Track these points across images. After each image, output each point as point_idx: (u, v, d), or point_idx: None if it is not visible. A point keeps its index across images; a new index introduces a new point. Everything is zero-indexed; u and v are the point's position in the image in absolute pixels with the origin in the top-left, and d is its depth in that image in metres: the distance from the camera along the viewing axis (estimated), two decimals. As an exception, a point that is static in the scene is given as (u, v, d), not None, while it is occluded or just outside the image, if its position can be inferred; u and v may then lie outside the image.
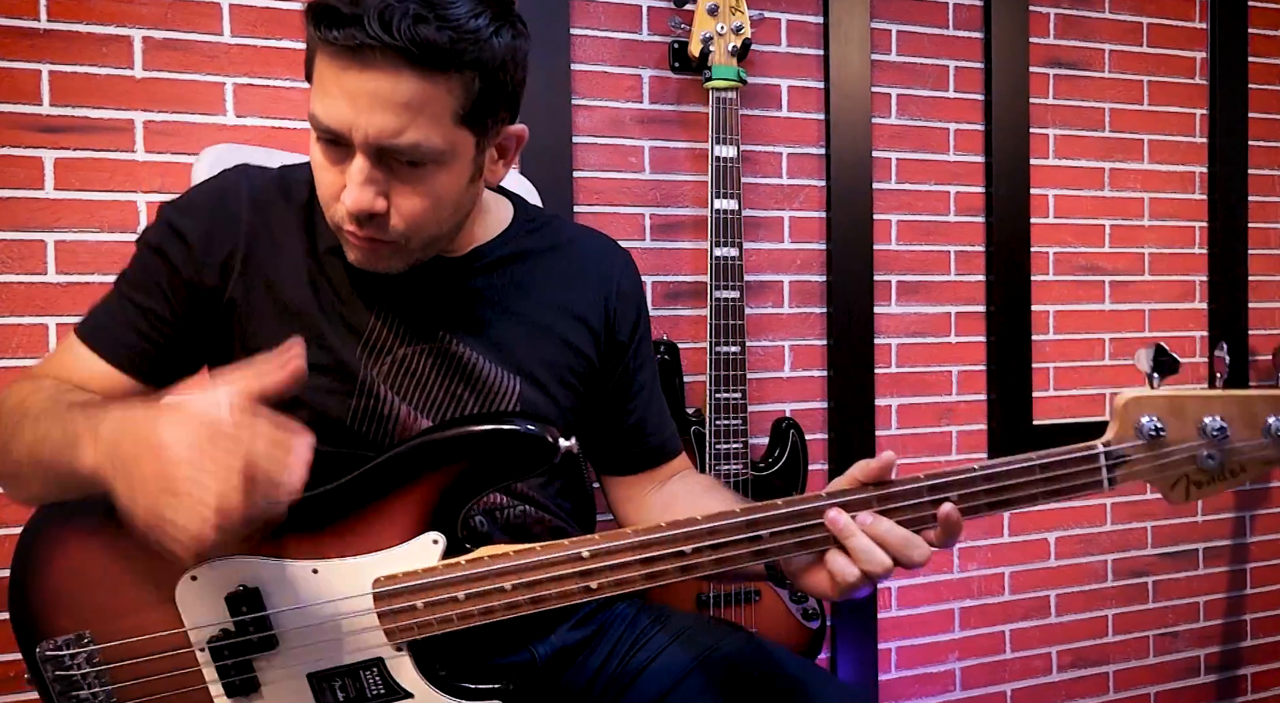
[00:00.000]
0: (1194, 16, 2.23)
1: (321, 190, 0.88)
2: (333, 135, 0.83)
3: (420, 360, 0.97)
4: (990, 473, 0.82)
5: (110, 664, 0.84)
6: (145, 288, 0.94)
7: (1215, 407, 0.80)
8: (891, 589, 2.02)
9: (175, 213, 0.95)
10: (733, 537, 0.83)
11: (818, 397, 1.96)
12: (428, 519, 0.86)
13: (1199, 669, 2.28)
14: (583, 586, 0.84)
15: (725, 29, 1.68)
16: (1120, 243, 2.19)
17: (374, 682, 0.85)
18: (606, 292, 1.08)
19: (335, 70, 0.80)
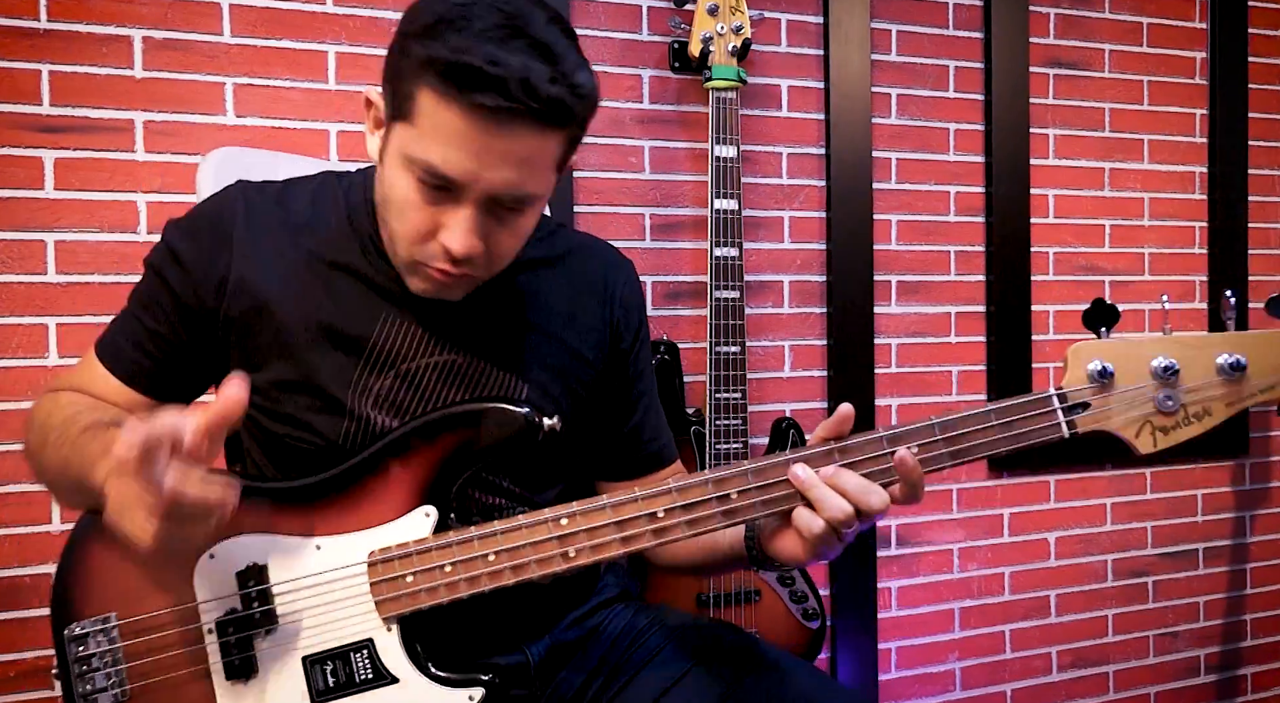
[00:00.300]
0: (1194, 16, 2.23)
1: (405, 226, 0.88)
2: (445, 183, 0.84)
3: (427, 374, 0.97)
4: (946, 422, 0.85)
5: (125, 643, 0.87)
6: (150, 309, 0.97)
7: (1163, 347, 0.82)
8: (892, 589, 2.02)
9: (176, 234, 0.97)
10: (701, 497, 0.86)
11: (818, 397, 1.96)
12: (422, 494, 0.91)
13: (1199, 669, 2.28)
14: (560, 552, 0.87)
15: (725, 29, 1.68)
16: (1120, 243, 2.19)
17: (363, 665, 0.88)
18: (611, 301, 1.10)
19: (465, 125, 0.81)
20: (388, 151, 0.88)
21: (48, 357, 1.49)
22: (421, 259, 0.89)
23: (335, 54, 1.63)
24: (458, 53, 0.79)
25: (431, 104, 0.82)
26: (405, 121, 0.84)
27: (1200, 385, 0.81)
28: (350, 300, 0.96)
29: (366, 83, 1.65)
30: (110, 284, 1.52)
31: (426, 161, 0.83)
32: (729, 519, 0.86)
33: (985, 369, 2.08)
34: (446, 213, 0.86)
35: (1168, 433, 0.82)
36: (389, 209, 0.90)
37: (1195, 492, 2.26)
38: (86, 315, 1.51)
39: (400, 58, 0.84)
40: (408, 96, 0.83)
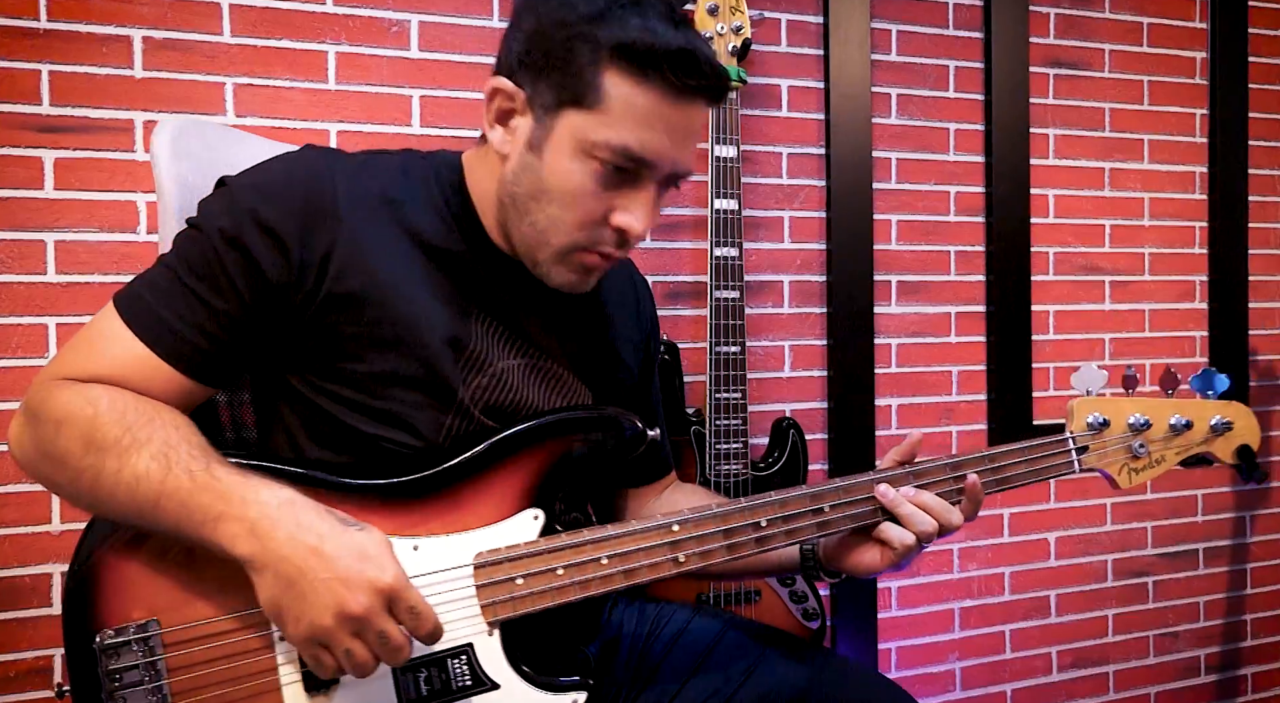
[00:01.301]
0: (1194, 16, 2.23)
1: (575, 214, 0.87)
2: (635, 165, 0.85)
3: (513, 375, 0.94)
4: (995, 454, 1.00)
5: (169, 654, 0.80)
6: (214, 283, 0.84)
7: (1136, 407, 1.06)
8: (892, 589, 2.02)
9: (260, 201, 0.85)
10: (800, 508, 0.92)
11: (818, 397, 1.96)
12: (529, 496, 0.89)
13: (1199, 669, 2.28)
14: (671, 557, 0.88)
15: (725, 29, 1.68)
16: (1120, 243, 2.19)
17: (461, 671, 0.84)
18: (640, 312, 1.12)
19: (662, 106, 0.84)
20: (550, 141, 0.85)
21: (47, 357, 1.49)
22: (585, 245, 0.89)
23: (335, 54, 1.63)
24: (652, 35, 0.81)
25: (625, 88, 0.82)
26: (584, 108, 0.84)
27: (1160, 438, 1.06)
28: (447, 292, 0.91)
29: (367, 83, 1.65)
30: (110, 284, 1.52)
31: (622, 145, 0.84)
32: (821, 531, 0.93)
33: (985, 369, 2.08)
34: (624, 196, 0.87)
35: (1138, 473, 1.05)
36: (549, 199, 0.86)
37: (1195, 492, 2.26)
38: (86, 315, 1.51)
39: (569, 44, 0.83)
40: (588, 82, 0.83)
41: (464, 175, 0.95)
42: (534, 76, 0.86)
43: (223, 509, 0.76)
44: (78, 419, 0.80)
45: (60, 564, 1.50)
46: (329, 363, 0.88)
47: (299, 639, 0.75)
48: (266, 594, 0.75)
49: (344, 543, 0.75)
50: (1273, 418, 2.32)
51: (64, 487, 0.82)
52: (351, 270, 0.86)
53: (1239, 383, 2.24)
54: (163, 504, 0.77)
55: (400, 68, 1.67)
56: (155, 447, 0.78)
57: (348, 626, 0.74)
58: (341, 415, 0.88)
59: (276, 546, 0.74)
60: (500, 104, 0.89)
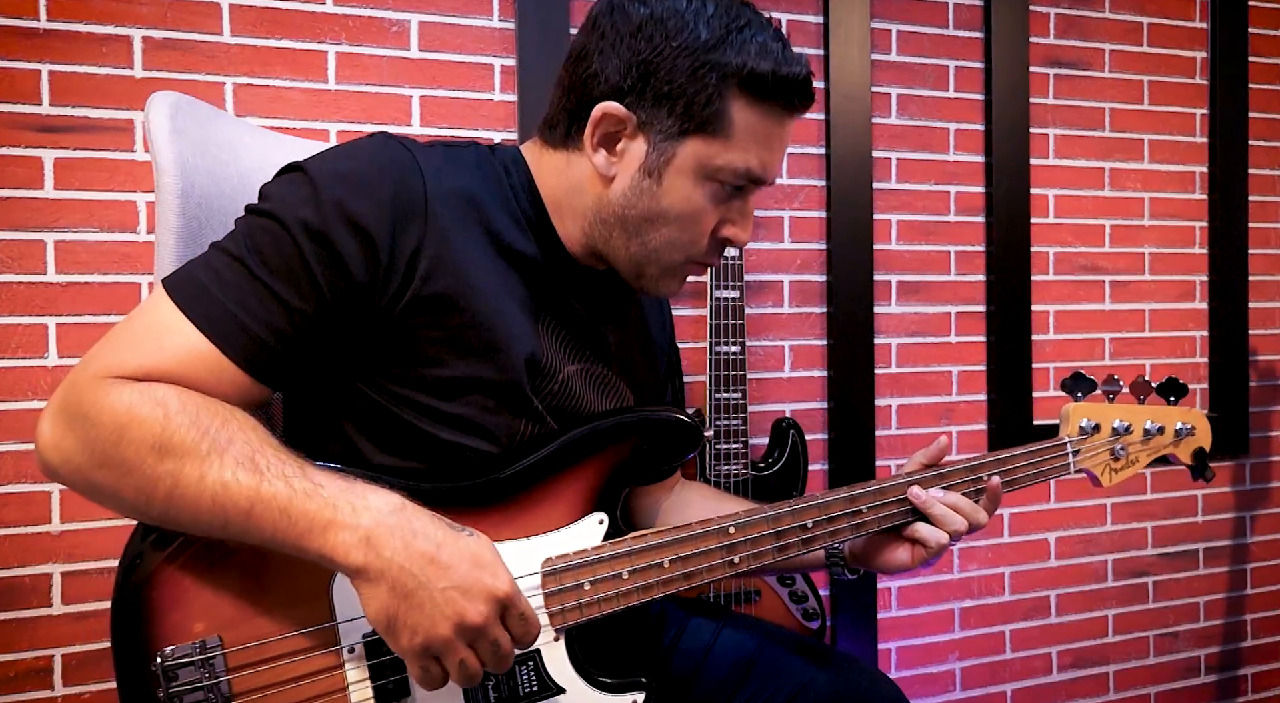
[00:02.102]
0: (1194, 16, 2.23)
1: (692, 234, 0.90)
2: (754, 182, 0.89)
3: (578, 380, 0.95)
4: (1005, 458, 1.06)
5: (233, 675, 0.75)
6: (293, 279, 0.78)
7: (1117, 414, 1.15)
8: (892, 589, 2.02)
9: (347, 193, 0.79)
10: (840, 511, 0.96)
11: (818, 397, 1.96)
12: (593, 500, 0.89)
13: (1199, 669, 2.28)
14: (727, 560, 0.91)
15: (725, 29, 1.68)
16: (1120, 243, 2.19)
17: (528, 677, 0.84)
18: (667, 326, 1.16)
19: (781, 128, 0.88)
20: (671, 167, 0.87)
21: (48, 357, 1.49)
22: (695, 259, 0.92)
23: (335, 54, 1.63)
24: (776, 63, 0.84)
25: (750, 114, 0.85)
26: (709, 135, 0.85)
27: (1135, 441, 1.16)
28: (521, 295, 0.89)
29: (367, 83, 1.65)
30: (110, 284, 1.52)
31: (746, 169, 0.87)
32: (857, 532, 0.97)
33: (985, 369, 2.08)
34: (733, 209, 0.91)
35: (1117, 473, 1.15)
36: (667, 222, 0.89)
37: (1195, 492, 2.26)
38: (86, 315, 1.51)
39: (696, 73, 0.83)
40: (716, 111, 0.84)
41: (533, 177, 0.94)
42: (652, 103, 0.85)
43: (331, 517, 0.71)
44: (146, 422, 0.72)
45: (60, 564, 1.50)
46: (406, 367, 0.84)
47: (413, 651, 0.73)
48: (378, 605, 0.72)
49: (459, 550, 0.73)
50: (1273, 418, 2.32)
51: (126, 497, 0.74)
52: (440, 271, 0.82)
53: (1239, 383, 2.24)
54: (258, 512, 0.71)
55: (400, 68, 1.67)
56: (238, 450, 0.73)
57: (465, 635, 0.73)
58: (415, 420, 0.84)
59: (393, 554, 0.71)
60: (607, 128, 0.87)
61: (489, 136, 1.71)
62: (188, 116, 0.97)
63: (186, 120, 0.96)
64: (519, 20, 1.71)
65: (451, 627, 0.72)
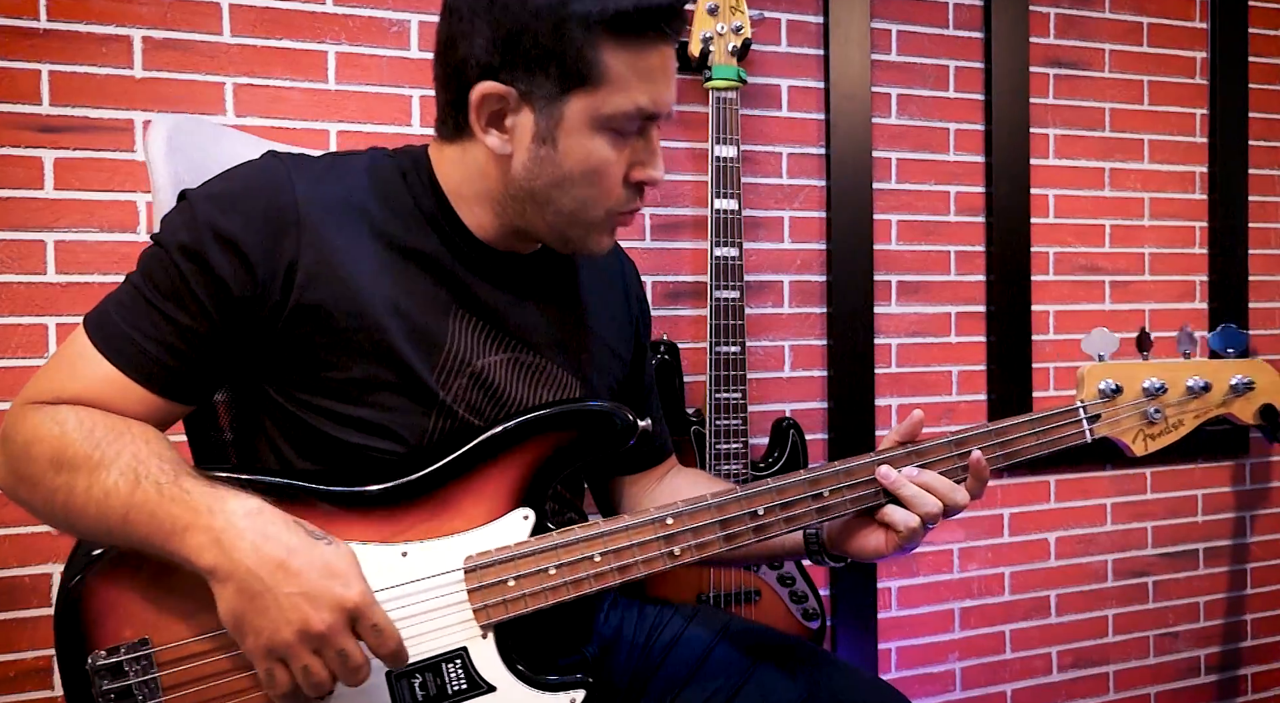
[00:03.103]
0: (1194, 16, 2.23)
1: (606, 184, 0.89)
2: (649, 118, 0.88)
3: (503, 371, 0.93)
4: (1000, 428, 0.97)
5: (164, 672, 0.79)
6: (179, 299, 0.83)
7: (1151, 372, 1.01)
8: (892, 589, 2.02)
9: (220, 214, 0.83)
10: (799, 494, 0.90)
11: (818, 397, 1.96)
12: (518, 496, 0.88)
13: (1199, 669, 2.28)
14: (666, 551, 0.87)
15: (725, 29, 1.68)
16: (1120, 243, 2.19)
17: (456, 675, 0.83)
18: (631, 298, 1.12)
19: (660, 58, 0.87)
20: (563, 128, 0.86)
21: (47, 357, 1.49)
22: (617, 210, 0.91)
23: (335, 54, 1.63)
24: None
25: (625, 55, 0.84)
26: (587, 87, 0.85)
27: (1177, 401, 1.01)
28: (424, 291, 0.90)
29: (367, 83, 1.65)
30: (110, 284, 1.50)
31: (636, 108, 0.86)
32: (821, 517, 0.92)
33: (985, 369, 2.08)
34: (636, 151, 0.89)
35: (1154, 439, 1.01)
36: (574, 182, 0.88)
37: (1195, 492, 2.26)
38: (86, 315, 1.51)
39: (559, 30, 0.83)
40: (589, 62, 0.83)
41: (434, 171, 0.95)
42: (526, 71, 0.85)
43: (190, 520, 0.74)
44: (46, 440, 0.79)
45: (60, 564, 1.50)
46: (306, 374, 0.87)
47: (257, 653, 0.75)
48: (227, 606, 0.74)
49: (311, 558, 0.74)
50: (1273, 418, 2.32)
51: (38, 508, 0.82)
52: (319, 279, 0.85)
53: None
54: (131, 518, 0.76)
55: (400, 68, 1.67)
56: (124, 462, 0.78)
57: (309, 643, 0.74)
58: (322, 426, 0.87)
59: (241, 556, 0.73)
60: (490, 108, 0.87)
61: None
62: (188, 135, 1.01)
63: (186, 139, 1.00)
64: (519, 20, 1.71)
65: (294, 633, 0.73)
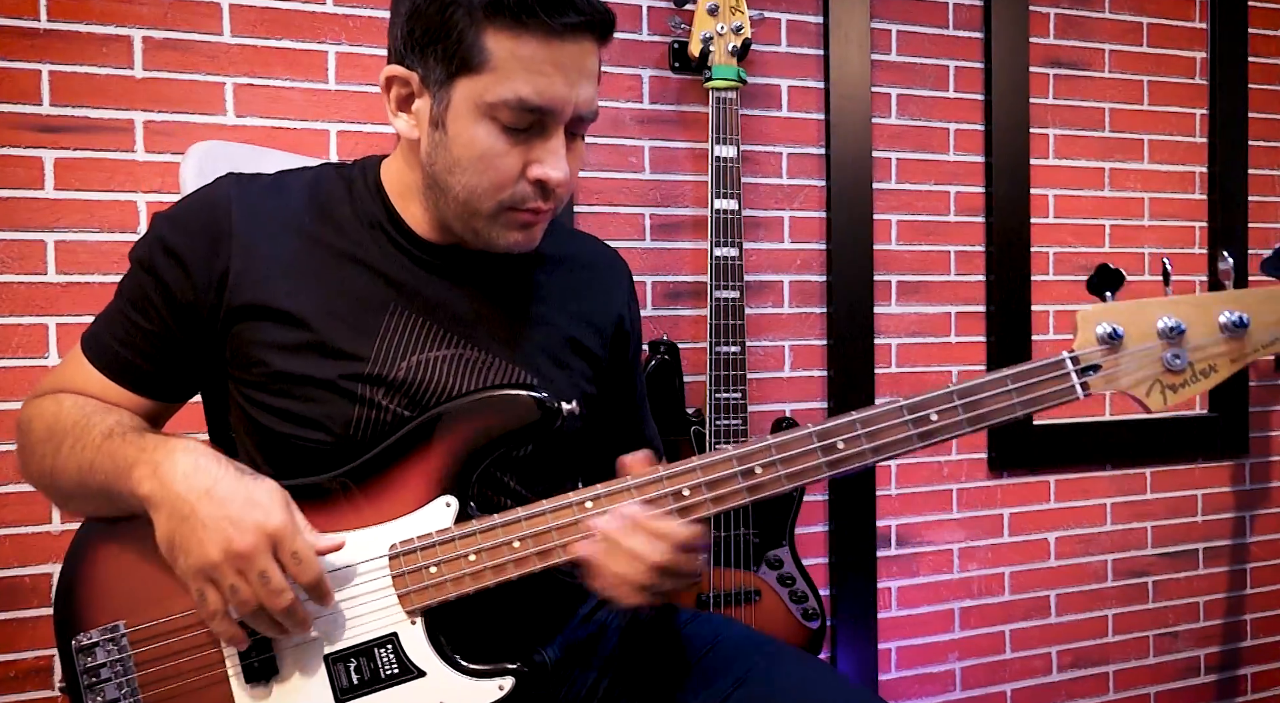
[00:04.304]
0: (1194, 16, 2.23)
1: (492, 176, 0.88)
2: (537, 114, 0.86)
3: (437, 366, 0.95)
4: (965, 388, 0.85)
5: (135, 651, 0.87)
6: (140, 305, 0.93)
7: (1168, 308, 0.84)
8: (892, 589, 2.02)
9: (168, 227, 0.93)
10: (726, 471, 0.87)
11: (818, 397, 1.96)
12: (441, 484, 0.90)
13: (1199, 669, 2.28)
14: (586, 535, 0.86)
15: (725, 29, 1.68)
16: (1120, 243, 2.19)
17: (388, 659, 0.87)
18: (617, 303, 1.11)
19: (548, 50, 0.84)
20: (450, 113, 0.87)
21: (48, 357, 1.49)
22: (511, 204, 0.90)
23: (335, 54, 1.63)
24: None
25: (506, 42, 0.83)
26: (473, 72, 0.85)
27: (1205, 343, 0.84)
28: (358, 291, 0.94)
29: (367, 83, 1.65)
30: (110, 284, 1.50)
31: (517, 99, 0.84)
32: (753, 495, 0.87)
33: (985, 369, 2.08)
34: (534, 149, 0.88)
35: (1177, 390, 0.84)
36: (462, 168, 0.88)
37: (1195, 492, 2.26)
38: (86, 315, 1.51)
39: (445, 14, 0.84)
40: (471, 46, 0.84)
41: (380, 175, 0.98)
42: (421, 55, 0.87)
43: (135, 457, 0.84)
44: (45, 415, 0.92)
45: (60, 564, 1.50)
46: (243, 369, 0.93)
47: (189, 573, 0.81)
48: (162, 530, 0.81)
49: (236, 488, 0.81)
50: (1273, 418, 2.32)
51: (35, 477, 0.94)
52: (247, 283, 0.92)
53: (1239, 383, 2.25)
54: (97, 464, 0.86)
55: (400, 68, 1.67)
56: (105, 426, 0.88)
57: (233, 562, 0.79)
58: (259, 417, 0.93)
59: (173, 483, 0.81)
60: (398, 91, 0.91)
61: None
62: (219, 161, 1.11)
63: (217, 164, 1.09)
64: (519, 20, 1.71)
65: (220, 551, 0.79)
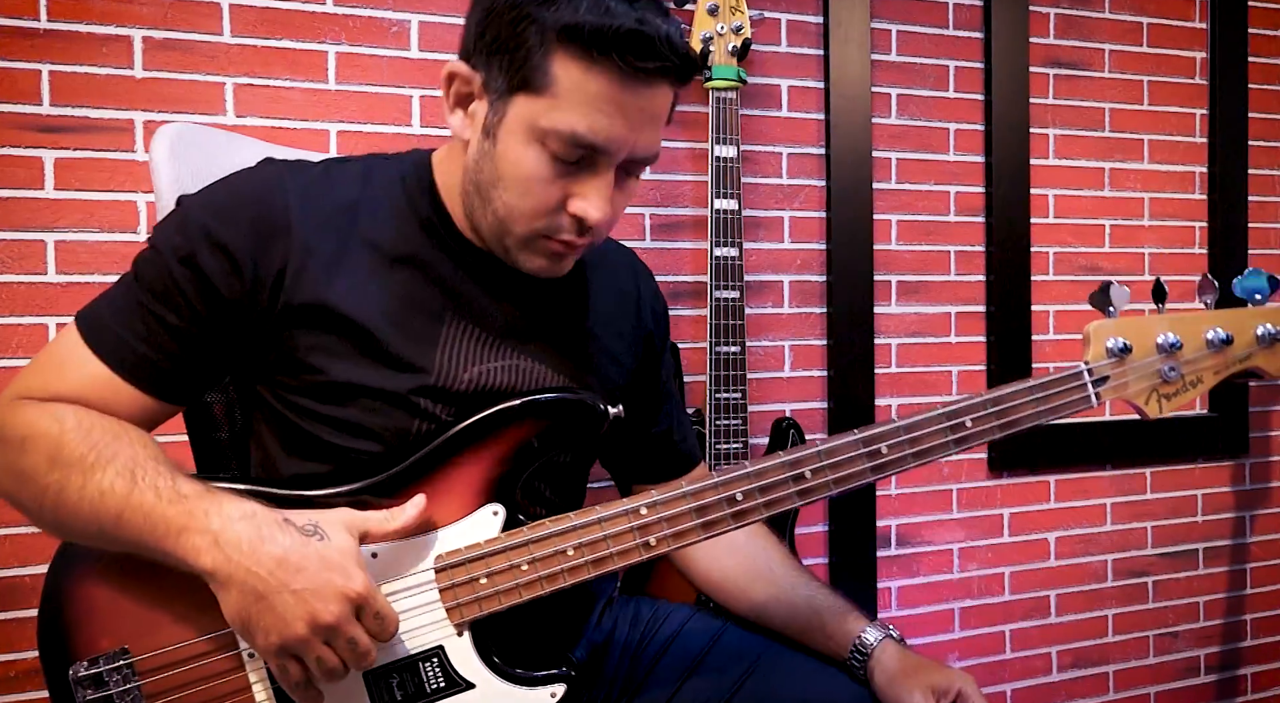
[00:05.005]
0: (1194, 16, 2.23)
1: (531, 201, 0.84)
2: (588, 151, 0.82)
3: (491, 377, 0.92)
4: (998, 396, 0.94)
5: (144, 681, 0.80)
6: (169, 301, 0.84)
7: (1165, 326, 0.94)
8: (892, 589, 2.02)
9: (212, 219, 0.85)
10: (778, 477, 0.88)
11: (818, 397, 1.96)
12: (487, 492, 0.86)
13: (1199, 669, 2.28)
14: (642, 542, 0.85)
15: (725, 29, 1.68)
16: (1120, 243, 2.19)
17: (434, 674, 0.83)
18: (643, 308, 1.09)
19: (615, 90, 0.80)
20: (503, 126, 0.83)
21: (48, 357, 1.49)
22: (545, 233, 0.86)
23: (335, 54, 1.63)
24: (604, 16, 0.78)
25: (575, 72, 0.79)
26: (533, 93, 0.80)
27: (1195, 357, 0.94)
28: (414, 295, 0.89)
29: (367, 83, 1.65)
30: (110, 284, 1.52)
31: (571, 132, 0.80)
32: (803, 499, 0.88)
33: (985, 369, 2.08)
34: (580, 182, 0.84)
35: (1170, 399, 0.94)
36: (504, 186, 0.84)
37: (1195, 492, 2.26)
38: (86, 315, 1.51)
39: (518, 26, 0.80)
40: (537, 67, 0.80)
41: (433, 173, 0.94)
42: (487, 60, 0.83)
43: (185, 522, 0.75)
44: (44, 437, 0.80)
45: (60, 564, 1.50)
46: (291, 374, 0.87)
47: (270, 651, 0.75)
48: (233, 608, 0.75)
49: (307, 552, 0.75)
50: (1272, 418, 2.32)
51: (27, 504, 0.81)
52: (306, 284, 0.85)
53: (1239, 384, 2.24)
54: (126, 518, 0.76)
55: (400, 68, 1.67)
56: (121, 463, 0.78)
57: (320, 634, 0.75)
58: (306, 425, 0.88)
59: (241, 557, 0.74)
60: (458, 88, 0.87)
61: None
62: (191, 142, 1.02)
63: (189, 146, 1.01)
64: (519, 20, 1.71)
65: (306, 626, 0.74)
